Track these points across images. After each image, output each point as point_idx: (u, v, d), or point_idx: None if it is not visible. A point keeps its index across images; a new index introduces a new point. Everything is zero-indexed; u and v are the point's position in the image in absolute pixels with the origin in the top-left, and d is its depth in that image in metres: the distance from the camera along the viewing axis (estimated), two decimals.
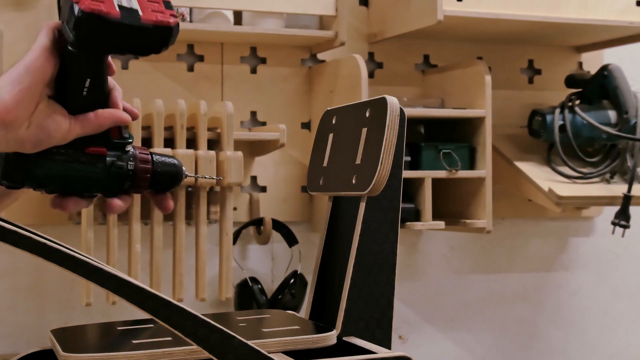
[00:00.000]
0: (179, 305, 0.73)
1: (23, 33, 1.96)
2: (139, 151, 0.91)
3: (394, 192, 0.90)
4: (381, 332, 0.89)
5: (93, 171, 0.89)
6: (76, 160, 0.88)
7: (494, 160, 2.08)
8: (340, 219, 0.96)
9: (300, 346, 0.82)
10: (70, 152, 0.88)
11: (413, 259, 2.31)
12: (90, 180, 0.89)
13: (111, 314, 2.01)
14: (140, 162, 0.91)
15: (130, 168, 0.90)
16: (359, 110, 0.93)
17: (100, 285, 0.72)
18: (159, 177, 0.92)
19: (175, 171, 0.93)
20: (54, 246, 0.71)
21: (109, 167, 0.89)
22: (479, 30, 2.16)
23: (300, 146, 2.15)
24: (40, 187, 0.88)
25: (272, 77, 2.16)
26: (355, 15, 2.21)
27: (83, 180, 0.88)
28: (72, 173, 0.88)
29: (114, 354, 0.77)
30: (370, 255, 0.89)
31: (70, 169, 0.88)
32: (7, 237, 0.70)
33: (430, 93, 2.23)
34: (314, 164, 1.03)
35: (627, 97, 2.15)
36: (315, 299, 0.96)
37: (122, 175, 0.90)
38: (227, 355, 0.74)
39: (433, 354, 2.33)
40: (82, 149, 0.88)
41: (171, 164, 0.93)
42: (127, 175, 0.90)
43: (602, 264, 2.50)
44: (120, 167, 0.89)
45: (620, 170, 2.18)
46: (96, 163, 0.89)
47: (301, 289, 2.08)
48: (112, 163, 0.89)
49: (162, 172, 0.92)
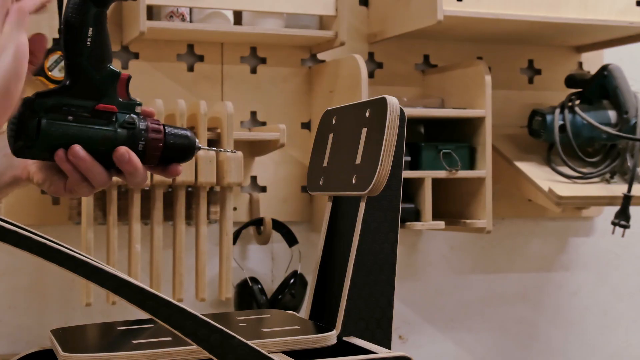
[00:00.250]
0: (179, 305, 0.73)
1: None
2: (150, 121, 0.90)
3: (394, 192, 0.90)
4: (381, 332, 0.89)
5: (105, 128, 0.88)
6: (86, 118, 0.87)
7: (494, 160, 2.08)
8: (340, 219, 0.96)
9: (300, 346, 0.82)
10: (80, 110, 0.87)
11: (413, 259, 2.31)
12: (103, 138, 0.87)
13: (111, 314, 2.01)
14: (152, 132, 0.90)
15: (142, 128, 0.89)
16: (359, 110, 0.93)
17: (100, 285, 0.72)
18: (171, 147, 0.91)
19: (188, 143, 0.92)
20: (54, 246, 0.71)
21: (120, 124, 0.88)
22: (479, 30, 2.16)
23: (300, 146, 2.15)
24: (52, 150, 0.86)
25: (272, 77, 2.16)
26: (355, 15, 2.21)
27: (95, 139, 0.87)
28: (84, 132, 0.87)
29: (114, 354, 0.77)
30: (370, 255, 0.89)
31: (81, 126, 0.87)
32: (7, 237, 0.71)
33: (430, 93, 2.23)
34: (314, 164, 1.03)
35: (627, 97, 2.15)
36: (315, 299, 0.96)
37: (135, 133, 0.89)
38: (227, 355, 0.74)
39: (433, 354, 2.33)
40: (92, 107, 0.88)
41: (183, 135, 0.92)
42: (139, 133, 0.89)
43: (602, 264, 2.50)
44: (132, 123, 0.88)
45: (620, 170, 2.18)
46: (107, 119, 0.88)
47: (301, 289, 2.08)
48: (124, 120, 0.88)
49: (174, 143, 0.91)
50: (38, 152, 0.87)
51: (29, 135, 0.86)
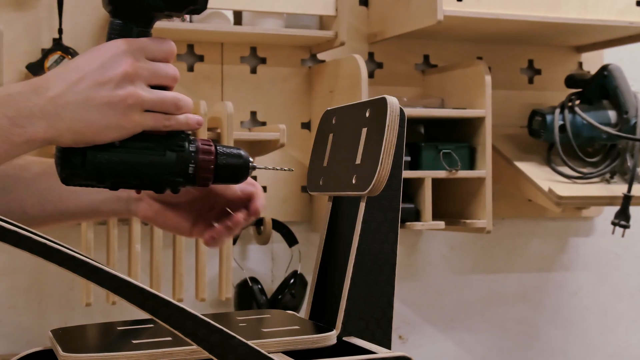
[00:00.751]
0: (179, 305, 0.73)
1: (23, 33, 1.96)
2: (200, 141, 0.87)
3: (394, 192, 0.90)
4: (381, 332, 0.89)
5: (154, 153, 0.84)
6: (133, 142, 0.84)
7: (494, 160, 2.08)
8: (340, 219, 0.96)
9: (300, 346, 0.82)
10: None
11: (413, 259, 2.31)
12: (153, 164, 0.84)
13: (111, 314, 2.01)
14: (203, 153, 0.86)
15: (192, 150, 0.85)
16: (359, 110, 0.93)
17: (100, 285, 0.72)
18: (223, 168, 0.88)
19: (242, 163, 0.89)
20: (54, 246, 0.71)
21: (169, 146, 0.85)
22: (479, 30, 2.16)
23: (300, 146, 2.15)
24: (100, 177, 0.84)
25: (272, 77, 2.16)
26: (355, 15, 2.21)
27: (143, 164, 0.84)
28: (131, 157, 0.84)
29: (114, 354, 0.77)
30: (370, 255, 0.89)
31: (128, 151, 0.84)
32: (7, 237, 0.70)
33: (430, 93, 2.24)
34: (314, 164, 1.03)
35: (627, 97, 2.15)
36: (315, 299, 0.96)
37: (185, 156, 0.85)
38: (227, 355, 0.74)
39: (433, 354, 2.33)
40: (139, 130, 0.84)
41: (236, 154, 0.89)
42: (189, 155, 0.85)
43: (602, 264, 2.50)
44: (180, 145, 0.85)
45: (620, 170, 2.18)
46: (155, 142, 0.84)
47: (301, 289, 2.08)
48: (173, 143, 0.85)
49: (226, 164, 0.88)
50: (85, 179, 0.84)
51: (75, 163, 0.83)
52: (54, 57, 1.92)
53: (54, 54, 1.92)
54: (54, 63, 1.91)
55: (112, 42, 0.84)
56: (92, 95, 0.81)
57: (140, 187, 0.86)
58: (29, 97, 0.81)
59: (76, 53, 1.93)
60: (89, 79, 0.82)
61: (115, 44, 0.83)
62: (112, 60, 0.82)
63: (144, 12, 0.85)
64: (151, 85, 0.84)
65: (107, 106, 0.81)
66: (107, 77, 0.82)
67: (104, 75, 0.82)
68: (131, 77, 0.82)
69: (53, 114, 0.81)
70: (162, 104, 0.84)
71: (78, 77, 0.82)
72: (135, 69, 0.83)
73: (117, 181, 0.85)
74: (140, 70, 0.83)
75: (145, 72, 0.83)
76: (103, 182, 0.85)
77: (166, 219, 1.03)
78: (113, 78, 0.82)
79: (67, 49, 1.93)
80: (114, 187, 0.85)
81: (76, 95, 0.81)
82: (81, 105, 0.81)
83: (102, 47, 0.84)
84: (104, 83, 0.81)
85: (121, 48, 0.83)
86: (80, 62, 0.83)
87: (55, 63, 1.91)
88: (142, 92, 0.83)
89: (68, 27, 1.97)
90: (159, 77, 0.85)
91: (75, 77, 0.82)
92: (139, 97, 0.82)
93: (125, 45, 0.83)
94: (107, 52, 0.83)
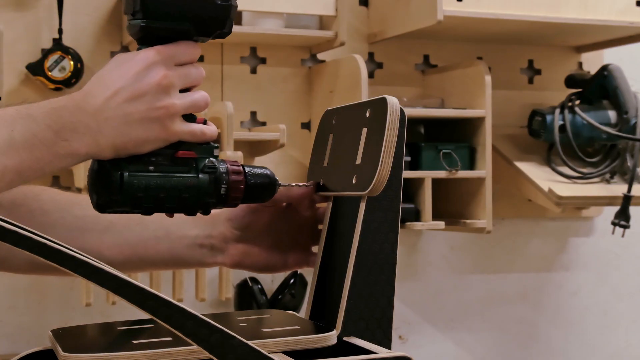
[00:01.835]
0: (179, 305, 0.73)
1: (23, 33, 1.96)
2: (229, 163, 0.89)
3: (394, 192, 0.90)
4: (381, 332, 0.89)
5: (187, 175, 0.86)
6: (167, 166, 0.85)
7: (494, 160, 2.08)
8: (340, 219, 0.96)
9: (301, 346, 0.82)
10: (160, 158, 0.85)
11: (413, 259, 2.31)
12: (187, 186, 0.85)
13: (111, 314, 2.01)
14: (233, 174, 0.88)
15: (223, 171, 0.87)
16: (359, 110, 0.93)
17: (100, 285, 0.72)
18: (252, 187, 0.90)
19: (269, 182, 0.92)
20: (54, 246, 0.71)
21: (202, 169, 0.86)
22: (479, 30, 2.16)
23: (300, 146, 2.15)
24: (137, 202, 0.84)
25: (272, 77, 2.16)
26: (355, 15, 2.21)
27: (179, 187, 0.85)
28: (167, 181, 0.85)
29: (114, 354, 0.77)
30: (370, 255, 0.89)
31: (164, 176, 0.85)
32: (7, 237, 0.70)
33: (430, 93, 2.23)
34: (314, 164, 1.03)
35: (627, 97, 2.15)
36: (315, 299, 0.96)
37: (217, 177, 0.87)
38: (227, 355, 0.74)
39: (433, 354, 2.33)
40: (171, 154, 0.86)
41: (264, 174, 0.92)
42: (221, 177, 0.87)
43: (602, 264, 2.50)
44: (212, 167, 0.87)
45: (620, 170, 2.18)
46: (188, 166, 0.86)
47: (301, 289, 2.08)
48: (204, 165, 0.87)
49: (255, 183, 0.90)
50: (122, 205, 0.85)
51: (112, 189, 0.84)
52: (54, 57, 1.91)
53: (54, 54, 1.92)
54: (54, 63, 1.91)
55: (142, 52, 0.85)
56: (129, 111, 0.83)
57: (174, 210, 0.87)
58: (73, 112, 0.83)
59: (76, 53, 1.93)
60: (124, 93, 0.83)
61: (145, 54, 0.85)
62: (145, 72, 0.84)
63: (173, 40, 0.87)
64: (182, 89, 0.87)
65: (145, 120, 0.83)
66: (142, 91, 0.83)
67: (140, 89, 0.83)
68: (165, 87, 0.84)
69: (96, 130, 0.82)
70: (194, 106, 0.87)
71: (113, 92, 0.83)
72: (169, 78, 0.84)
73: (153, 206, 0.86)
74: (173, 78, 0.85)
75: (177, 80, 0.85)
76: (139, 208, 0.86)
77: (253, 259, 1.03)
78: (149, 91, 0.83)
79: (67, 49, 1.93)
80: (147, 212, 0.86)
81: (114, 110, 0.83)
82: (121, 120, 0.83)
83: (133, 57, 0.85)
84: (139, 96, 0.83)
85: (152, 59, 0.84)
86: (114, 75, 0.84)
87: (55, 63, 1.91)
88: (176, 101, 0.85)
89: (68, 27, 1.97)
90: (190, 81, 0.87)
91: (111, 91, 0.83)
92: (174, 107, 0.85)
93: (156, 56, 0.84)
94: (138, 63, 0.84)
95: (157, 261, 1.04)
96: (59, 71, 1.91)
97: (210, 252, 1.03)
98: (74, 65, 1.92)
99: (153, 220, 1.01)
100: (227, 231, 1.02)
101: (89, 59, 1.98)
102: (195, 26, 0.86)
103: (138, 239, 1.03)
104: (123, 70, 0.84)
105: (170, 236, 1.02)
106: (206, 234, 1.03)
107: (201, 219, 1.00)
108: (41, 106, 0.83)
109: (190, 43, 0.87)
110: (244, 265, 1.04)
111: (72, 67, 1.92)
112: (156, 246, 1.03)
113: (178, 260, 1.04)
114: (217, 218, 1.02)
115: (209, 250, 1.03)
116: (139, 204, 0.85)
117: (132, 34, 0.87)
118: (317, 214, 1.03)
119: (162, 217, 0.92)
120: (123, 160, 0.85)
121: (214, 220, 1.03)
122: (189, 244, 1.03)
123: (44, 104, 0.84)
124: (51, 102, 0.84)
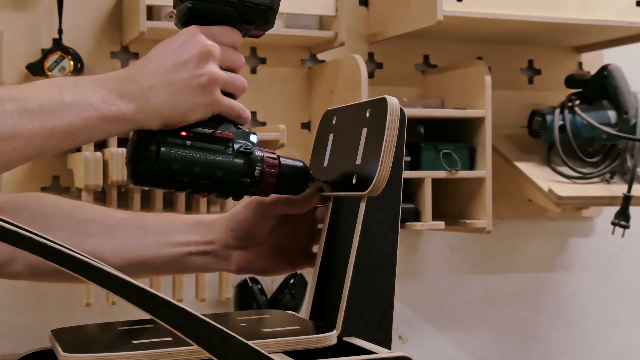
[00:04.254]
0: (179, 306, 0.73)
1: (23, 33, 1.96)
2: (265, 151, 0.90)
3: (394, 193, 0.90)
4: (381, 332, 0.89)
5: (224, 154, 0.87)
6: (204, 143, 0.87)
7: (494, 161, 2.08)
8: (340, 219, 0.95)
9: (301, 346, 0.82)
10: (198, 135, 0.87)
11: (413, 259, 2.31)
12: (221, 164, 0.87)
13: (111, 314, 2.01)
14: (268, 160, 0.90)
15: (259, 155, 0.89)
16: (359, 110, 0.93)
17: (100, 285, 0.72)
18: (285, 177, 0.91)
19: (302, 174, 0.93)
20: (54, 246, 0.71)
21: (237, 151, 0.88)
22: (479, 30, 2.16)
23: (300, 146, 2.15)
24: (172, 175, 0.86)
25: (272, 77, 2.16)
26: (355, 15, 2.21)
27: (213, 164, 0.87)
28: (203, 157, 0.86)
29: (114, 354, 0.77)
30: (370, 256, 0.89)
31: (200, 151, 0.86)
32: (7, 237, 0.70)
33: (430, 93, 2.23)
34: (314, 164, 1.03)
35: (627, 97, 2.15)
36: (315, 299, 0.96)
37: (252, 161, 0.88)
38: (227, 355, 0.74)
39: (433, 354, 2.33)
40: (209, 133, 0.88)
41: (299, 167, 0.93)
42: (256, 161, 0.88)
43: (602, 264, 2.50)
44: (248, 150, 0.88)
45: (620, 171, 2.18)
46: (224, 146, 0.88)
47: (301, 289, 2.08)
48: (241, 147, 0.88)
49: (288, 174, 0.91)
50: (156, 177, 0.86)
51: (149, 159, 0.85)
52: (54, 57, 1.91)
53: (54, 54, 1.92)
54: (54, 63, 1.91)
55: (185, 29, 0.89)
56: (173, 79, 0.86)
57: (207, 189, 0.88)
58: (120, 82, 0.85)
59: (76, 53, 1.93)
60: (167, 63, 0.86)
61: (187, 30, 0.88)
62: (186, 42, 0.87)
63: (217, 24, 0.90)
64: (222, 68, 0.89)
65: (189, 87, 0.86)
66: (184, 59, 0.86)
67: (182, 57, 0.86)
68: (206, 55, 0.87)
69: (142, 99, 0.85)
70: (234, 84, 0.89)
71: (157, 63, 0.86)
72: (210, 47, 0.87)
73: (187, 180, 0.87)
74: (214, 49, 0.88)
75: (218, 51, 0.88)
76: (173, 181, 0.87)
77: (257, 264, 1.03)
78: (190, 59, 0.86)
79: (67, 49, 1.93)
80: (181, 187, 0.88)
81: (158, 79, 0.85)
82: (165, 88, 0.85)
83: (176, 35, 0.89)
84: (182, 64, 0.86)
85: (193, 31, 0.88)
86: (157, 50, 0.88)
87: (55, 63, 1.91)
88: (218, 70, 0.88)
89: (68, 27, 1.96)
90: (230, 60, 0.90)
91: (155, 63, 0.86)
92: (216, 75, 0.87)
93: (198, 29, 0.88)
94: (179, 37, 0.88)
95: (160, 266, 1.04)
96: (59, 71, 1.91)
97: (214, 258, 1.03)
98: (73, 66, 1.92)
99: (154, 225, 1.02)
100: (229, 239, 1.02)
101: (89, 59, 1.98)
102: (239, 12, 0.90)
103: (139, 243, 1.03)
104: (166, 45, 0.88)
105: (172, 242, 1.02)
106: (208, 240, 1.02)
107: (202, 226, 1.01)
108: (88, 78, 0.86)
109: (231, 28, 0.91)
110: (248, 271, 1.04)
111: (72, 67, 1.92)
112: (158, 251, 1.03)
113: (181, 266, 1.04)
114: (219, 226, 1.02)
115: (213, 257, 1.03)
116: (173, 176, 0.86)
117: (179, 18, 0.90)
118: (317, 214, 1.03)
119: (163, 222, 0.92)
120: (163, 133, 0.86)
121: (216, 228, 1.03)
122: (191, 250, 1.03)
123: (91, 77, 0.86)
124: (98, 75, 0.87)
